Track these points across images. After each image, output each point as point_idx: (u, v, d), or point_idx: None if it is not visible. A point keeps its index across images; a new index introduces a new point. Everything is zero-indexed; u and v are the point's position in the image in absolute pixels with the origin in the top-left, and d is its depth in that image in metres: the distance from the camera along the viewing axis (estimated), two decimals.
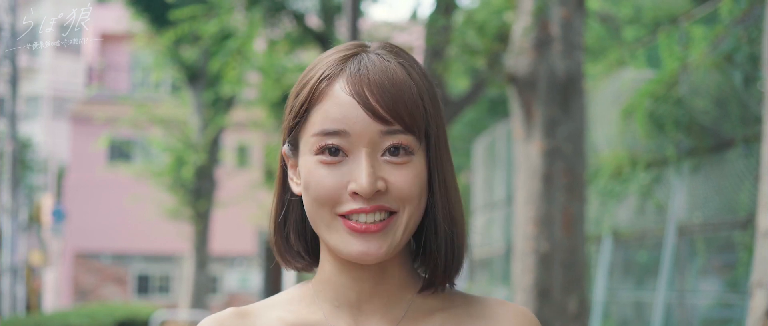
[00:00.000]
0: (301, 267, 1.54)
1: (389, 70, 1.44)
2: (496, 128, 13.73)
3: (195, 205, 20.14)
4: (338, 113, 1.42)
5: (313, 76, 1.47)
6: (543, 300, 6.35)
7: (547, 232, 6.39)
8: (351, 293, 1.49)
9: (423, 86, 1.46)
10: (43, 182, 37.78)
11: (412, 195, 1.42)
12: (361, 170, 1.40)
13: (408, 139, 1.42)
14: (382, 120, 1.41)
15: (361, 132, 1.41)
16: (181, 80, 20.40)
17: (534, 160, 6.46)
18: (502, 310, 1.53)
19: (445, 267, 1.48)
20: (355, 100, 1.41)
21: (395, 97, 1.42)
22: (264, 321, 1.52)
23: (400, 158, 1.42)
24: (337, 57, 1.47)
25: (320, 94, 1.44)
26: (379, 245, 1.42)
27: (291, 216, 1.54)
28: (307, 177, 1.44)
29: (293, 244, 1.54)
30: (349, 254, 1.42)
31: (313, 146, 1.43)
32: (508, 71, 6.61)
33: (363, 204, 1.40)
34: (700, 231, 7.59)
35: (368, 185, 1.39)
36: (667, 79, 7.81)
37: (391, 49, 1.49)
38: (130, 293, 29.34)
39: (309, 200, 1.45)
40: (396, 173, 1.42)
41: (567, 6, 6.49)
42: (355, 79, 1.43)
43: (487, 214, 13.98)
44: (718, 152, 7.33)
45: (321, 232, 1.46)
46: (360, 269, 1.47)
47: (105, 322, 15.66)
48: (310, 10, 12.65)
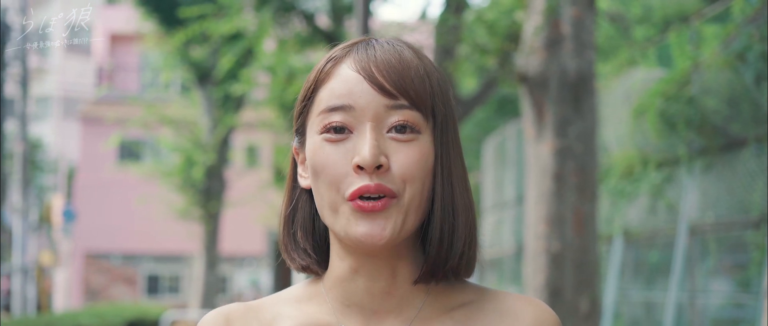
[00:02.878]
0: (306, 264, 1.50)
1: (396, 50, 1.44)
2: (507, 128, 13.71)
3: (205, 205, 20.16)
4: (343, 88, 1.41)
5: (320, 62, 1.47)
6: (554, 299, 6.33)
7: (558, 232, 6.37)
8: (363, 292, 1.45)
9: (430, 68, 1.45)
10: (53, 182, 37.88)
11: (414, 175, 1.39)
12: (365, 142, 1.38)
13: (414, 116, 1.40)
14: (387, 93, 1.40)
15: (366, 106, 1.39)
16: (190, 80, 20.43)
17: (545, 159, 6.44)
18: (520, 306, 1.50)
19: (438, 257, 1.43)
20: (360, 75, 1.41)
21: (401, 72, 1.41)
22: (271, 316, 1.49)
23: (406, 135, 1.40)
24: (344, 44, 1.48)
25: (326, 75, 1.44)
26: (383, 225, 1.38)
27: (299, 213, 1.52)
28: (312, 158, 1.42)
29: (300, 241, 1.51)
30: (354, 236, 1.39)
31: (319, 125, 1.42)
32: (518, 70, 6.59)
33: (367, 180, 1.37)
34: (711, 230, 7.56)
35: (371, 157, 1.36)
36: (678, 78, 7.79)
37: (399, 40, 1.48)
38: (139, 293, 29.39)
39: (315, 182, 1.43)
40: (400, 150, 1.39)
41: (578, 5, 6.47)
42: (362, 57, 1.43)
43: (497, 214, 13.96)
44: (729, 151, 7.30)
45: (326, 218, 1.43)
46: (371, 265, 1.44)
47: (115, 322, 15.68)
48: (320, 9, 12.64)
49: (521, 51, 6.67)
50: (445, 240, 1.43)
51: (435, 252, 1.43)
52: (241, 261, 29.26)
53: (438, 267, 1.44)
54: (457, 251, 1.44)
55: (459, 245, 1.44)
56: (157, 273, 29.73)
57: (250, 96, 19.29)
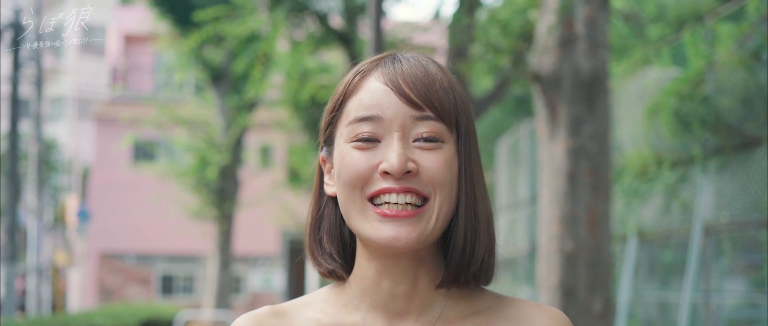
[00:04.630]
0: (332, 269, 1.55)
1: (421, 64, 1.50)
2: (520, 127, 13.69)
3: (218, 206, 20.20)
4: (372, 100, 1.47)
5: (348, 75, 1.53)
6: (568, 299, 6.31)
7: (572, 232, 6.36)
8: (386, 294, 1.50)
9: (454, 81, 1.51)
10: (68, 183, 38.00)
11: (443, 180, 1.45)
12: (393, 150, 1.43)
13: (439, 127, 1.46)
14: (414, 105, 1.45)
15: (393, 116, 1.45)
16: (204, 81, 20.47)
17: (558, 159, 6.43)
18: (536, 313, 1.54)
19: (461, 263, 1.48)
20: (388, 87, 1.47)
21: (427, 85, 1.47)
22: (300, 320, 1.54)
23: (431, 144, 1.45)
24: (372, 59, 1.54)
25: (354, 87, 1.50)
26: (410, 230, 1.43)
27: (325, 220, 1.56)
28: (340, 164, 1.48)
29: (326, 246, 1.56)
30: (380, 239, 1.44)
31: (348, 135, 1.47)
32: (532, 70, 6.57)
33: (393, 183, 1.43)
34: (726, 230, 7.53)
35: (399, 163, 1.42)
36: (692, 78, 7.76)
37: (424, 55, 1.54)
38: (154, 293, 29.45)
39: (341, 185, 1.48)
40: (427, 157, 1.45)
41: (591, 4, 6.45)
42: (389, 70, 1.49)
43: (510, 214, 13.94)
44: (744, 151, 7.27)
45: (353, 222, 1.47)
46: (395, 268, 1.49)
47: (129, 322, 15.72)
48: (333, 10, 12.65)
49: (534, 50, 6.66)
50: (468, 246, 1.49)
51: (458, 257, 1.49)
52: (254, 261, 29.29)
53: (460, 273, 1.50)
54: (479, 257, 1.50)
55: (480, 252, 1.50)
56: (171, 273, 29.79)
57: (263, 96, 19.32)
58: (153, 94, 27.88)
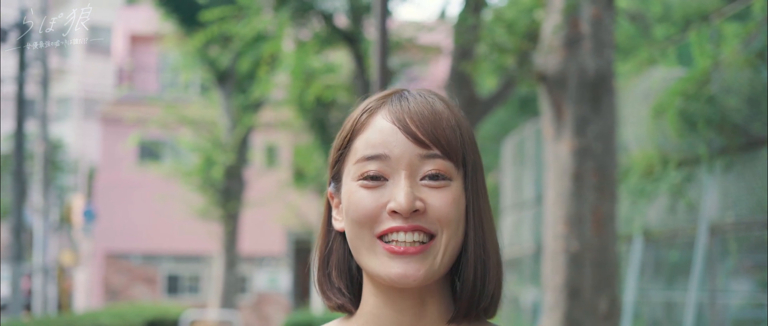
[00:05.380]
0: (341, 303, 1.57)
1: (428, 102, 1.51)
2: (526, 127, 13.68)
3: (224, 205, 20.21)
4: (379, 138, 1.49)
5: (356, 113, 1.54)
6: (573, 299, 6.31)
7: (578, 232, 6.35)
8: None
9: (460, 118, 1.53)
10: (74, 183, 38.06)
11: (450, 218, 1.47)
12: (400, 189, 1.45)
13: (446, 165, 1.47)
14: (421, 144, 1.47)
15: (401, 155, 1.47)
16: (210, 81, 20.48)
17: (564, 159, 6.42)
18: None
19: (472, 297, 1.50)
20: (395, 126, 1.48)
21: (434, 123, 1.48)
22: None
23: (439, 182, 1.47)
24: (378, 96, 1.56)
25: (362, 125, 1.52)
26: (418, 267, 1.45)
27: (334, 255, 1.58)
28: (348, 201, 1.50)
29: (334, 281, 1.57)
30: (388, 276, 1.46)
31: (355, 173, 1.49)
32: (537, 70, 6.57)
33: (401, 222, 1.45)
34: (732, 230, 7.52)
35: (407, 203, 1.44)
36: (698, 77, 7.75)
37: (430, 91, 1.56)
38: (159, 293, 29.48)
39: (349, 223, 1.50)
40: (434, 195, 1.46)
41: (597, 4, 6.44)
42: (396, 109, 1.50)
43: (516, 214, 13.93)
44: (750, 151, 7.26)
45: (362, 259, 1.50)
46: (401, 301, 1.51)
47: (135, 322, 15.74)
48: (339, 9, 12.65)
49: (540, 50, 6.65)
50: (479, 281, 1.51)
51: (469, 293, 1.51)
52: (260, 261, 29.30)
53: (471, 308, 1.52)
54: (490, 292, 1.52)
55: (491, 287, 1.52)
56: (177, 273, 29.81)
57: (269, 96, 19.33)
58: (159, 93, 27.89)
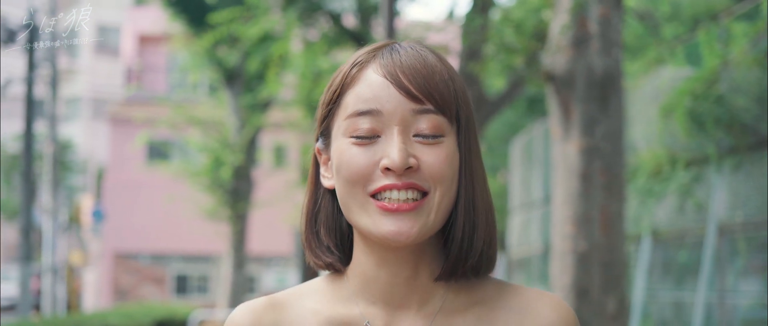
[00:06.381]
0: (330, 262, 1.53)
1: (420, 55, 1.47)
2: (534, 127, 13.67)
3: (232, 206, 20.23)
4: (370, 93, 1.44)
5: (345, 66, 1.50)
6: (581, 300, 6.30)
7: (586, 232, 6.34)
8: (386, 287, 1.49)
9: (453, 72, 1.49)
10: (83, 183, 38.16)
11: (444, 175, 1.43)
12: (393, 146, 1.41)
13: (439, 120, 1.43)
14: (414, 98, 1.43)
15: (393, 110, 1.42)
16: (218, 81, 20.51)
17: (572, 158, 6.41)
18: (538, 302, 1.52)
19: (459, 254, 1.47)
20: (387, 80, 1.44)
21: (427, 77, 1.44)
22: (297, 312, 1.53)
23: (432, 139, 1.43)
24: (368, 49, 1.51)
25: (352, 79, 1.47)
26: (411, 224, 1.41)
27: (322, 213, 1.54)
28: (339, 159, 1.45)
29: (323, 239, 1.54)
30: (381, 234, 1.42)
31: (346, 129, 1.45)
32: (545, 69, 6.56)
33: (395, 179, 1.41)
34: (741, 230, 7.50)
35: (400, 160, 1.40)
36: (707, 77, 7.73)
37: (421, 44, 1.51)
38: (168, 293, 29.53)
39: (341, 182, 1.45)
40: (428, 152, 1.43)
41: (605, 3, 6.43)
42: (387, 62, 1.46)
43: (524, 214, 13.92)
44: (759, 150, 7.24)
45: (353, 216, 1.46)
46: (394, 260, 1.47)
47: (144, 322, 15.76)
48: (347, 10, 12.65)
49: (548, 50, 6.64)
50: (466, 239, 1.47)
51: (456, 250, 1.47)
52: (268, 261, 29.34)
53: (458, 265, 1.48)
54: (478, 249, 1.48)
55: (479, 244, 1.48)
56: (186, 273, 29.86)
57: (277, 97, 19.34)
58: (167, 94, 27.93)
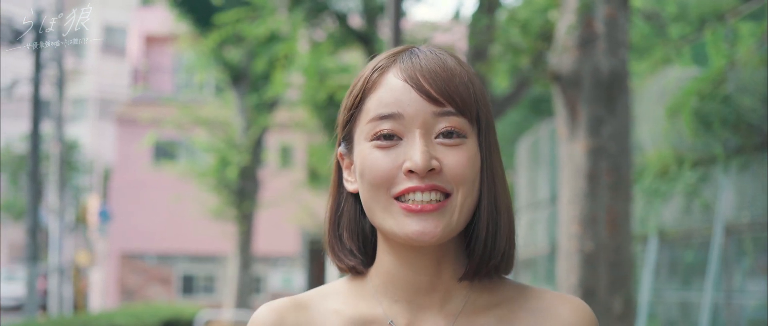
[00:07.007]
0: (352, 265, 1.55)
1: (439, 58, 1.49)
2: (540, 127, 13.66)
3: (239, 206, 20.25)
4: (392, 97, 1.47)
5: (366, 71, 1.52)
6: (588, 300, 6.29)
7: (592, 232, 6.34)
8: (409, 287, 1.51)
9: (472, 74, 1.51)
10: (89, 183, 38.21)
11: (466, 176, 1.45)
12: (416, 149, 1.43)
13: (460, 122, 1.46)
14: (434, 101, 1.45)
15: (415, 114, 1.45)
16: (224, 81, 20.53)
17: (578, 159, 6.41)
18: (559, 304, 1.55)
19: (483, 254, 1.49)
20: (408, 84, 1.46)
21: (447, 80, 1.46)
22: (320, 312, 1.54)
23: (454, 140, 1.46)
24: (388, 53, 1.53)
25: (373, 84, 1.50)
26: (436, 224, 1.43)
27: (345, 216, 1.56)
28: (362, 163, 1.48)
29: (346, 242, 1.56)
30: (405, 234, 1.44)
31: (369, 133, 1.47)
32: (551, 70, 6.55)
33: (418, 182, 1.43)
34: (748, 230, 7.49)
35: (423, 162, 1.42)
36: (713, 77, 7.72)
37: (440, 48, 1.54)
38: (174, 293, 29.56)
39: (365, 185, 1.48)
40: (450, 154, 1.45)
41: (611, 4, 6.43)
42: (408, 66, 1.48)
43: (531, 214, 13.91)
44: (766, 150, 7.23)
45: (377, 219, 1.48)
46: (417, 260, 1.50)
47: (150, 322, 15.78)
48: (353, 10, 12.66)
49: (554, 50, 6.64)
50: (490, 238, 1.49)
51: (480, 250, 1.49)
52: (275, 261, 29.35)
53: (483, 265, 1.50)
54: (501, 249, 1.51)
55: (502, 244, 1.51)
56: (192, 273, 29.89)
57: (283, 97, 19.36)
58: (173, 94, 27.97)
